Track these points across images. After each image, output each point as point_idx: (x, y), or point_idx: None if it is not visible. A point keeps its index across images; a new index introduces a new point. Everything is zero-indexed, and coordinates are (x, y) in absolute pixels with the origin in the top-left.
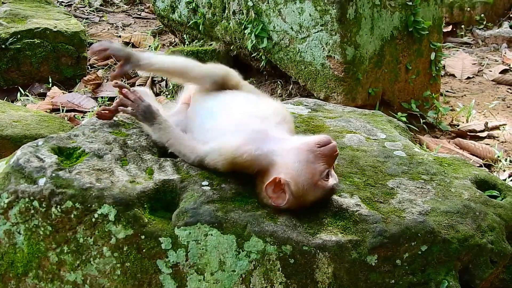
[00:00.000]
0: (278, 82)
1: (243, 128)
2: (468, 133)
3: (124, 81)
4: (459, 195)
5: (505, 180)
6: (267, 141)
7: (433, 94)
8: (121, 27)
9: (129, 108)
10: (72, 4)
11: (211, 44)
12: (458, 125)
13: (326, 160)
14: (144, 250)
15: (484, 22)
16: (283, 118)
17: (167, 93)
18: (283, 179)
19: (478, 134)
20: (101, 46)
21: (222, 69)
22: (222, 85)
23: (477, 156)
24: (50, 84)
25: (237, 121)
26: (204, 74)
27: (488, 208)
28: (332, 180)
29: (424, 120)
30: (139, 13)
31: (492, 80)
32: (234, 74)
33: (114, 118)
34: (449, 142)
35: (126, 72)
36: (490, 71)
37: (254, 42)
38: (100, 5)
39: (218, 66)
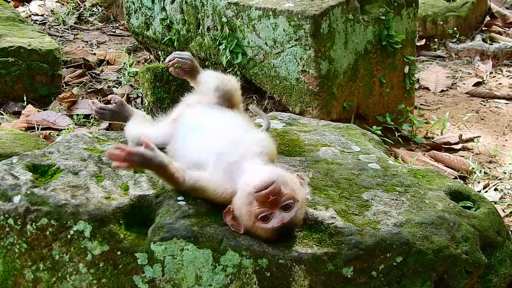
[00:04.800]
0: (253, 97)
1: (222, 159)
2: (443, 146)
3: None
4: (433, 206)
5: (479, 191)
6: (241, 173)
7: (408, 107)
8: (95, 44)
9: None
10: (46, 23)
11: None
12: (432, 138)
13: (262, 205)
14: (120, 266)
15: (457, 36)
16: (263, 149)
17: (142, 109)
18: (234, 212)
19: (452, 146)
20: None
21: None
22: (227, 101)
23: (452, 168)
24: (25, 103)
25: (216, 150)
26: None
27: (462, 219)
28: (275, 223)
29: (399, 133)
30: (113, 30)
31: (466, 93)
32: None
33: (89, 134)
34: (424, 154)
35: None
36: (464, 84)
37: (228, 57)
38: (75, 23)
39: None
